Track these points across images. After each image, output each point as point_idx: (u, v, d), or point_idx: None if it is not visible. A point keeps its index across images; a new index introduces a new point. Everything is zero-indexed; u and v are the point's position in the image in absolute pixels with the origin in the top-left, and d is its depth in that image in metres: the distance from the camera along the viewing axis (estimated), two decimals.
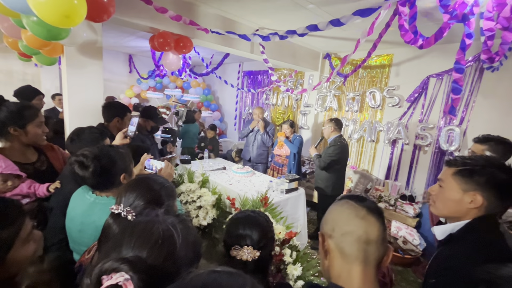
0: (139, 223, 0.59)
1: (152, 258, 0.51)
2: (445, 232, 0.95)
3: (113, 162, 1.11)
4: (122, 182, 1.14)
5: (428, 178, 3.54)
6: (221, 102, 6.96)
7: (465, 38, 1.67)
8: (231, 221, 1.06)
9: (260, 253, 0.94)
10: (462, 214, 0.91)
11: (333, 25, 1.77)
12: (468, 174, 0.90)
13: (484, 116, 3.08)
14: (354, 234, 0.65)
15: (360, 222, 0.66)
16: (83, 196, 1.15)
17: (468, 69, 3.11)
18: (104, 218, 1.05)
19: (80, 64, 2.10)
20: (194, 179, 2.80)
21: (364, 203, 0.69)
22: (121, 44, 5.09)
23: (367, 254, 0.64)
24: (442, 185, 0.97)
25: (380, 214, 0.68)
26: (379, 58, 3.90)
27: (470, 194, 0.88)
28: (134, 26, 2.39)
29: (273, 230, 1.08)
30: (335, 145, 2.95)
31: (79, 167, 1.06)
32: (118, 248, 0.53)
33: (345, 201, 0.72)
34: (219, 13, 2.83)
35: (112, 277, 0.44)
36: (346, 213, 0.68)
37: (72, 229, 1.13)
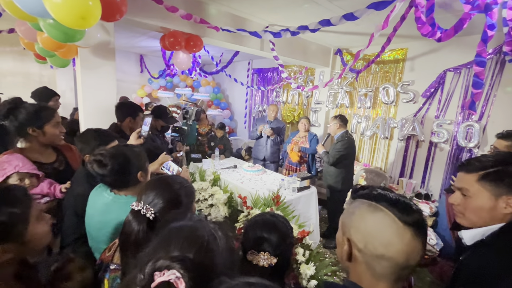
0: (184, 226, 0.61)
1: (198, 260, 0.53)
2: (475, 237, 0.87)
3: (129, 160, 1.13)
4: (139, 179, 1.16)
5: (445, 176, 3.42)
6: (230, 101, 6.96)
7: (487, 29, 1.59)
8: (249, 224, 1.03)
9: (277, 260, 0.91)
10: (498, 221, 0.83)
11: (347, 19, 1.72)
12: (497, 177, 0.81)
13: (506, 111, 2.94)
14: (393, 260, 0.56)
15: (403, 249, 0.55)
16: (101, 195, 1.17)
17: (488, 61, 2.97)
18: (122, 216, 1.07)
19: (94, 65, 2.14)
20: (205, 178, 2.82)
21: (411, 217, 0.56)
22: (133, 44, 5.17)
23: (400, 276, 0.58)
24: (468, 194, 0.87)
25: (425, 231, 0.58)
26: (393, 53, 3.79)
27: (504, 198, 0.80)
28: (145, 26, 2.41)
29: (292, 235, 1.04)
30: (343, 140, 2.99)
31: (98, 166, 1.08)
32: (166, 248, 0.55)
33: (385, 211, 0.58)
34: (229, 11, 2.81)
35: (164, 274, 0.46)
36: (388, 234, 0.56)
37: (91, 227, 1.15)
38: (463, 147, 3.21)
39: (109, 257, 0.93)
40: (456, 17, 2.29)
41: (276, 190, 2.34)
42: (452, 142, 3.34)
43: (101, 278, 0.91)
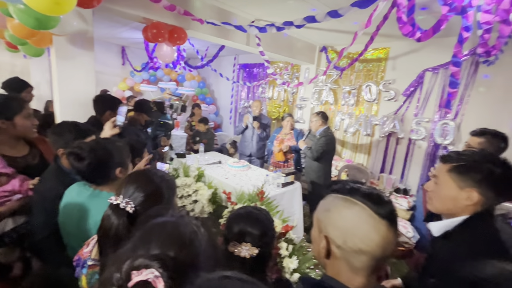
0: (166, 223, 0.59)
1: (179, 258, 0.52)
2: (441, 229, 0.94)
3: (109, 155, 1.09)
4: (118, 176, 1.12)
5: (423, 171, 3.57)
6: (216, 96, 6.88)
7: (463, 31, 1.65)
8: (232, 216, 1.04)
9: (259, 251, 0.93)
10: (459, 210, 0.90)
11: (331, 16, 1.74)
12: (464, 170, 0.88)
13: (479, 110, 3.10)
14: (371, 254, 0.57)
15: (380, 242, 0.57)
16: (79, 190, 1.13)
17: (464, 63, 3.11)
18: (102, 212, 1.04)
19: (71, 54, 2.03)
20: (189, 173, 2.78)
21: (384, 209, 0.58)
22: (114, 35, 4.96)
23: (374, 268, 0.60)
24: (438, 182, 0.95)
25: (397, 221, 0.59)
26: (376, 52, 3.88)
27: (467, 190, 0.87)
28: (126, 16, 2.32)
29: (274, 228, 1.06)
30: (326, 136, 3.09)
31: (75, 159, 1.04)
32: (146, 245, 0.54)
33: (360, 205, 0.59)
34: (214, 4, 2.76)
35: (142, 273, 0.44)
36: (366, 229, 0.57)
37: (69, 224, 1.10)
38: (439, 144, 3.37)
39: (87, 252, 0.90)
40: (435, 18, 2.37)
41: (260, 185, 2.35)
42: (429, 139, 3.49)
43: (79, 274, 0.88)
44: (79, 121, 1.47)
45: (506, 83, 2.92)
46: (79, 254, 0.94)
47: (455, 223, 0.90)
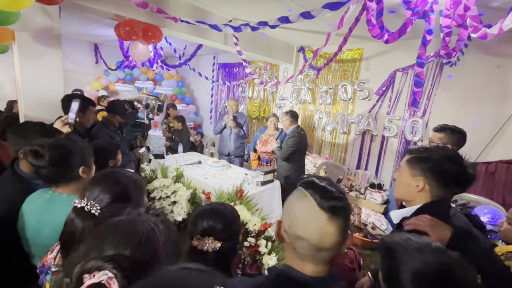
0: (121, 222, 0.57)
1: (136, 257, 0.50)
2: (399, 216, 1.03)
3: (70, 152, 1.06)
4: (81, 175, 1.09)
5: (395, 167, 3.76)
6: (196, 95, 6.79)
7: (426, 34, 1.77)
8: (197, 212, 1.05)
9: (222, 244, 0.94)
10: (412, 197, 1.00)
11: (304, 17, 1.78)
12: (415, 161, 1.00)
13: (444, 108, 3.32)
14: (308, 241, 0.61)
15: (316, 231, 0.61)
16: (39, 194, 1.08)
17: (430, 64, 3.31)
18: (62, 216, 0.99)
19: (35, 52, 1.92)
20: (168, 174, 2.73)
21: (329, 203, 0.61)
22: (85, 32, 4.74)
23: (318, 257, 0.63)
24: (399, 171, 1.06)
25: (343, 215, 0.62)
26: (350, 52, 4.02)
27: (416, 179, 0.98)
28: (97, 12, 2.23)
29: (239, 223, 1.08)
30: (294, 136, 3.06)
31: (34, 157, 1.00)
32: (100, 246, 0.52)
33: (308, 197, 0.63)
34: (190, 2, 2.72)
35: (94, 276, 0.43)
36: (305, 217, 0.62)
37: (27, 229, 1.05)
38: (409, 141, 3.56)
39: (51, 259, 0.86)
40: (402, 21, 2.51)
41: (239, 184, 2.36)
42: (400, 136, 3.67)
43: (43, 281, 0.85)
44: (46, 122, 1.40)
45: (467, 82, 3.15)
46: (43, 261, 0.90)
47: (412, 211, 0.98)
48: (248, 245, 1.85)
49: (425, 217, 0.89)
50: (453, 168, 0.93)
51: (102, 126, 2.41)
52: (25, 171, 1.23)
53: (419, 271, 0.61)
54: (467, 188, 0.95)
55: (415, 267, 0.61)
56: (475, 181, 0.94)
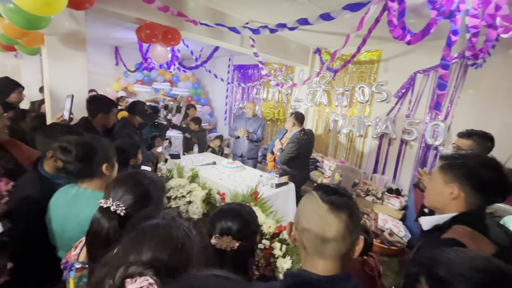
0: (158, 226, 0.59)
1: (173, 262, 0.52)
2: (431, 223, 0.98)
3: (95, 149, 1.12)
4: (104, 172, 1.13)
5: (414, 172, 3.63)
6: (211, 97, 6.87)
7: (451, 34, 1.70)
8: (216, 211, 1.07)
9: (239, 244, 0.95)
10: (444, 205, 0.96)
11: (323, 19, 1.77)
12: (450, 167, 0.96)
13: (467, 112, 3.18)
14: (311, 231, 0.66)
15: (317, 220, 0.66)
16: (66, 189, 1.15)
17: (454, 65, 3.18)
18: (87, 211, 1.04)
19: (63, 55, 2.01)
20: (183, 174, 2.78)
21: (330, 197, 0.66)
22: (107, 35, 4.92)
23: (324, 250, 0.65)
24: (432, 177, 1.03)
25: (345, 210, 0.65)
26: (368, 54, 3.94)
27: (450, 185, 0.94)
28: (120, 17, 2.31)
29: (256, 223, 1.09)
30: (293, 142, 2.98)
31: (62, 152, 1.07)
32: (138, 249, 0.53)
33: (313, 194, 0.70)
34: (208, 5, 2.77)
35: (136, 281, 0.45)
36: (308, 209, 0.69)
37: (54, 223, 1.11)
38: (430, 145, 3.43)
39: (75, 255, 0.89)
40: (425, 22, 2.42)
41: (254, 186, 2.36)
42: (420, 140, 3.55)
43: (66, 277, 0.88)
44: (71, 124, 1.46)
45: (493, 85, 3.00)
46: (67, 257, 0.93)
47: (445, 219, 0.94)
48: (262, 247, 1.85)
49: (464, 228, 0.85)
50: (491, 175, 0.89)
51: (123, 126, 2.49)
52: (48, 172, 1.29)
53: None
54: (507, 197, 0.90)
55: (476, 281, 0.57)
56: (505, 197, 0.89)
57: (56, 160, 1.24)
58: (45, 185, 1.25)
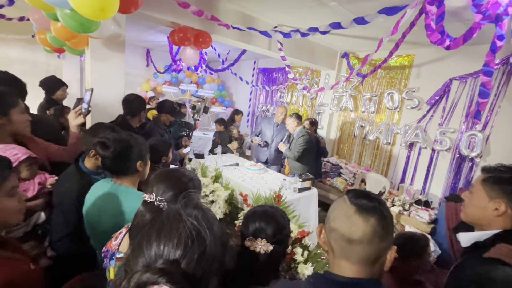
0: (163, 223, 0.54)
1: (186, 261, 0.50)
2: (471, 240, 0.92)
3: (131, 147, 1.18)
4: (138, 169, 1.20)
5: (446, 184, 3.43)
6: (234, 99, 6.98)
7: (496, 39, 1.59)
8: (249, 213, 1.08)
9: (273, 248, 0.95)
10: (487, 222, 0.89)
11: (357, 23, 1.74)
12: (496, 181, 0.89)
13: (510, 122, 2.95)
14: (338, 232, 0.67)
15: (344, 221, 0.66)
16: (102, 184, 1.22)
17: (495, 72, 2.98)
18: (120, 205, 1.10)
19: (104, 56, 2.16)
20: (207, 174, 2.84)
21: (359, 200, 0.67)
22: (140, 38, 5.18)
23: (350, 253, 0.65)
24: (472, 191, 0.96)
25: (374, 214, 0.64)
26: (400, 59, 3.80)
27: (496, 201, 0.87)
28: (156, 21, 2.43)
29: (289, 227, 1.09)
30: (303, 135, 3.15)
31: (101, 147, 1.14)
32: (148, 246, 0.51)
33: (344, 197, 0.71)
34: (238, 9, 2.83)
35: None
36: (337, 210, 0.70)
37: (89, 215, 1.18)
38: (465, 156, 3.22)
39: (115, 245, 0.94)
40: (465, 26, 2.30)
41: (277, 189, 2.36)
42: (454, 151, 3.34)
43: (107, 265, 0.93)
44: (107, 121, 1.56)
45: None
46: (107, 246, 0.99)
47: (486, 236, 0.88)
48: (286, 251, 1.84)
49: (510, 247, 0.78)
50: None
51: (154, 124, 2.60)
52: (88, 168, 1.38)
53: None
54: None
55: None
56: None
57: (97, 158, 1.32)
58: (83, 179, 1.33)
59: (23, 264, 0.81)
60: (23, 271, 0.79)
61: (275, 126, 3.74)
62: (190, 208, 0.58)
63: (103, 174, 1.42)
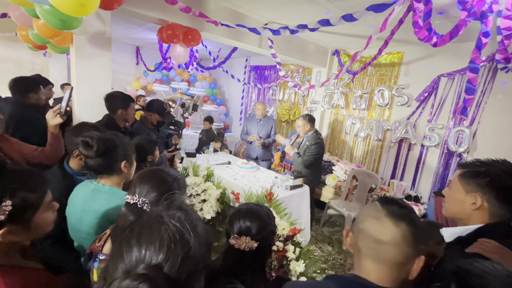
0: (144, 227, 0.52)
1: (169, 265, 0.48)
2: (453, 235, 0.93)
3: (115, 146, 1.15)
4: (122, 169, 1.17)
5: (435, 179, 3.49)
6: (227, 97, 6.94)
7: (481, 36, 1.62)
8: (234, 211, 1.08)
9: (258, 245, 0.95)
10: (466, 216, 0.91)
11: (346, 20, 1.74)
12: (471, 175, 0.90)
13: (496, 118, 3.02)
14: (366, 232, 0.69)
15: (374, 222, 0.68)
16: (85, 184, 1.19)
17: (481, 69, 3.04)
18: (104, 206, 1.07)
19: (89, 54, 2.10)
20: (199, 173, 2.82)
21: (389, 206, 0.69)
22: (129, 36, 5.09)
23: (379, 253, 0.66)
24: (450, 186, 0.97)
25: (404, 220, 0.66)
26: (389, 56, 3.83)
27: (472, 195, 0.88)
28: (143, 18, 2.38)
29: (274, 224, 1.10)
30: (316, 143, 2.96)
31: (84, 147, 1.10)
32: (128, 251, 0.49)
33: (375, 202, 0.73)
34: (228, 6, 2.79)
35: None
36: (367, 213, 0.72)
37: (72, 216, 1.15)
38: (453, 152, 3.29)
39: (99, 247, 0.93)
40: (452, 23, 2.33)
41: (269, 187, 2.35)
42: (443, 146, 3.41)
43: (90, 267, 0.91)
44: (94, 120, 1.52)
45: None
46: (91, 248, 0.97)
47: (468, 231, 0.88)
48: (275, 249, 1.84)
49: (491, 242, 0.79)
50: None
51: (141, 124, 2.56)
52: (73, 168, 1.34)
53: None
54: None
55: None
56: None
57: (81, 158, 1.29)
58: (67, 181, 1.30)
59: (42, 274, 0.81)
60: (42, 281, 0.79)
61: (258, 122, 3.77)
62: (173, 209, 0.57)
63: (89, 175, 1.39)
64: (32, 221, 0.76)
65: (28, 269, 0.77)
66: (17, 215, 0.72)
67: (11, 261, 0.74)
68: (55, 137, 1.49)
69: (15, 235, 0.73)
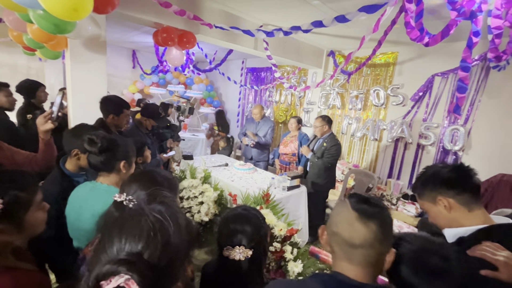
0: (125, 220, 0.55)
1: (149, 252, 0.49)
2: (456, 235, 0.93)
3: (117, 145, 1.19)
4: (121, 169, 1.19)
5: None
6: (224, 99, 6.95)
7: (472, 36, 1.64)
8: (222, 220, 1.05)
9: (253, 251, 0.94)
10: (452, 218, 0.94)
11: (338, 21, 1.75)
12: (422, 188, 1.00)
13: (489, 116, 3.05)
14: (340, 236, 0.69)
15: (346, 227, 0.69)
16: (85, 184, 1.22)
17: (474, 68, 3.07)
18: (101, 203, 1.07)
19: (84, 58, 2.10)
20: (196, 175, 2.82)
21: (360, 206, 0.69)
22: (125, 39, 5.09)
23: (352, 256, 0.68)
24: (425, 210, 1.04)
25: (375, 220, 0.67)
26: (384, 56, 3.86)
27: (437, 201, 0.95)
28: (138, 21, 2.39)
29: (265, 225, 1.07)
30: (336, 145, 2.98)
31: (89, 143, 1.14)
32: (110, 244, 0.51)
33: (346, 201, 0.73)
34: (223, 9, 2.81)
35: (111, 281, 0.43)
36: (339, 215, 0.72)
37: (71, 214, 1.17)
38: (448, 150, 3.31)
39: (91, 251, 0.92)
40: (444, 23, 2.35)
41: (266, 188, 2.36)
42: (438, 145, 3.43)
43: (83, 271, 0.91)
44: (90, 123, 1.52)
45: None
46: (84, 252, 0.97)
47: (470, 231, 0.90)
48: (273, 250, 1.84)
49: (496, 245, 0.79)
50: (447, 168, 0.95)
51: (135, 127, 2.55)
52: (70, 170, 1.35)
53: None
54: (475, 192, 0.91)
55: None
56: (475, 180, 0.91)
57: (79, 158, 1.30)
58: (64, 182, 1.31)
59: (35, 275, 0.82)
60: (34, 282, 0.80)
61: (256, 125, 3.81)
62: (155, 203, 0.59)
63: (85, 175, 1.40)
64: (24, 220, 0.77)
65: (21, 270, 0.78)
66: (8, 213, 0.73)
67: (4, 262, 0.75)
68: (46, 144, 1.45)
69: (7, 235, 0.74)
